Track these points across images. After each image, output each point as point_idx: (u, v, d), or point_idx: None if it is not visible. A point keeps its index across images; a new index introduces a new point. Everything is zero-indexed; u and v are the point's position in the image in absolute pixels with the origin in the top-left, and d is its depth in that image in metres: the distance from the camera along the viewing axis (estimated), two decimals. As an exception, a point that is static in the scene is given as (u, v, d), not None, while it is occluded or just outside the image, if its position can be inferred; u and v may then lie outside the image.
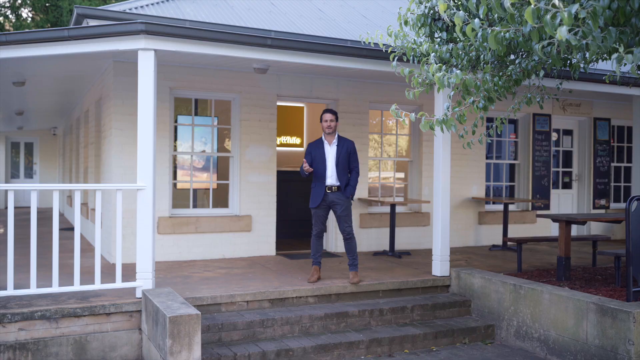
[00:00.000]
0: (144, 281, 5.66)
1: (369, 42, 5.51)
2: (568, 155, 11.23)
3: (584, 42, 2.75)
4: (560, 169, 11.11)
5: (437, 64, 3.93)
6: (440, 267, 7.01)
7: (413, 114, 4.07)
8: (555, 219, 7.01)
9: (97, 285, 5.58)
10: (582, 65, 4.54)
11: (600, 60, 5.38)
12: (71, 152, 14.11)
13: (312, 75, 8.59)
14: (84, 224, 10.29)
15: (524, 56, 4.07)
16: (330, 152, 6.59)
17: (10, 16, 23.78)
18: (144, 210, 5.68)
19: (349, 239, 6.62)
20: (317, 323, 5.91)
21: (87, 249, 8.80)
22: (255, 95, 8.31)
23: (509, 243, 9.32)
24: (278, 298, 6.14)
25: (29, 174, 19.96)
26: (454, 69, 3.57)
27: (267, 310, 6.00)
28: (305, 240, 9.97)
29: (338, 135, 6.67)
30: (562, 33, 2.68)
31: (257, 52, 6.19)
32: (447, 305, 6.58)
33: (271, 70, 8.02)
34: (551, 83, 7.10)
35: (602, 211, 11.10)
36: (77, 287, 5.48)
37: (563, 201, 11.05)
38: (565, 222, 6.82)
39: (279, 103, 8.76)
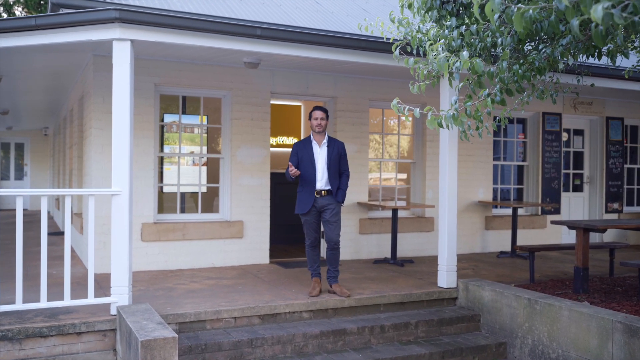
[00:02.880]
0: (119, 296, 5.10)
1: (370, 31, 4.94)
2: (578, 157, 10.65)
3: (636, 18, 2.19)
4: (571, 171, 10.53)
5: (446, 51, 3.38)
6: (446, 278, 6.45)
7: (417, 109, 3.52)
8: (571, 226, 6.45)
9: (67, 302, 5.03)
10: (624, 51, 3.94)
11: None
12: (59, 153, 13.57)
13: (307, 71, 8.04)
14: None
15: (547, 43, 3.52)
16: (321, 153, 6.01)
17: (4, 14, 23.25)
18: (120, 218, 5.13)
19: (336, 249, 6.04)
20: (311, 342, 5.35)
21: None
22: (247, 93, 7.76)
23: (518, 251, 8.74)
24: (269, 314, 5.59)
25: (20, 176, 19.38)
26: (462, 52, 3.01)
27: (257, 328, 5.44)
28: (301, 246, 9.42)
29: (328, 136, 6.11)
30: (597, 14, 2.13)
31: (246, 43, 5.63)
32: (454, 321, 6.02)
33: (264, 65, 7.47)
34: (565, 79, 6.55)
35: (615, 215, 10.53)
36: (43, 303, 4.93)
37: (574, 205, 10.48)
38: (583, 229, 6.25)
39: (273, 101, 8.21)
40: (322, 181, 5.97)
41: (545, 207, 9.56)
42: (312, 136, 6.08)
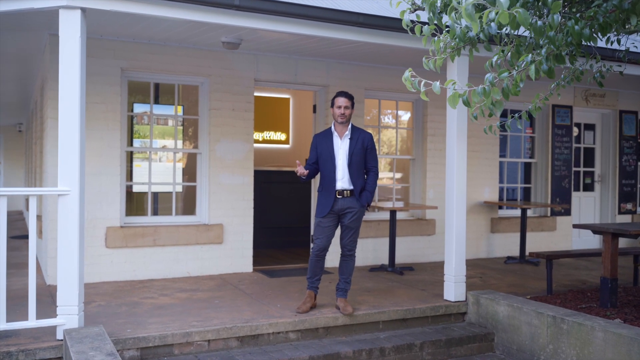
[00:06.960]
0: (66, 317, 4.23)
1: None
2: (589, 153, 9.87)
3: None
4: (581, 169, 9.74)
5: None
6: (454, 290, 5.63)
7: (437, 82, 2.69)
8: (597, 230, 5.65)
9: (2, 325, 4.15)
10: None
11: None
12: (29, 150, 12.65)
13: (296, 57, 7.19)
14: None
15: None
16: (342, 147, 5.12)
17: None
18: (67, 223, 4.25)
19: (350, 257, 5.23)
20: (299, 369, 4.51)
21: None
22: (228, 80, 6.89)
23: (528, 257, 7.94)
24: (249, 335, 4.74)
25: (-6, 175, 18.40)
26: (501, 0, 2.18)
27: (235, 352, 4.59)
28: (290, 251, 8.60)
29: (352, 126, 5.19)
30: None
31: (222, 15, 4.77)
32: (464, 340, 5.20)
33: (246, 48, 6.62)
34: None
35: (629, 217, 9.76)
36: (-29, 327, 4.05)
37: (584, 205, 9.69)
38: (612, 234, 5.45)
39: (257, 90, 7.37)
40: (342, 180, 5.10)
41: (555, 208, 8.78)
42: (333, 127, 5.20)
